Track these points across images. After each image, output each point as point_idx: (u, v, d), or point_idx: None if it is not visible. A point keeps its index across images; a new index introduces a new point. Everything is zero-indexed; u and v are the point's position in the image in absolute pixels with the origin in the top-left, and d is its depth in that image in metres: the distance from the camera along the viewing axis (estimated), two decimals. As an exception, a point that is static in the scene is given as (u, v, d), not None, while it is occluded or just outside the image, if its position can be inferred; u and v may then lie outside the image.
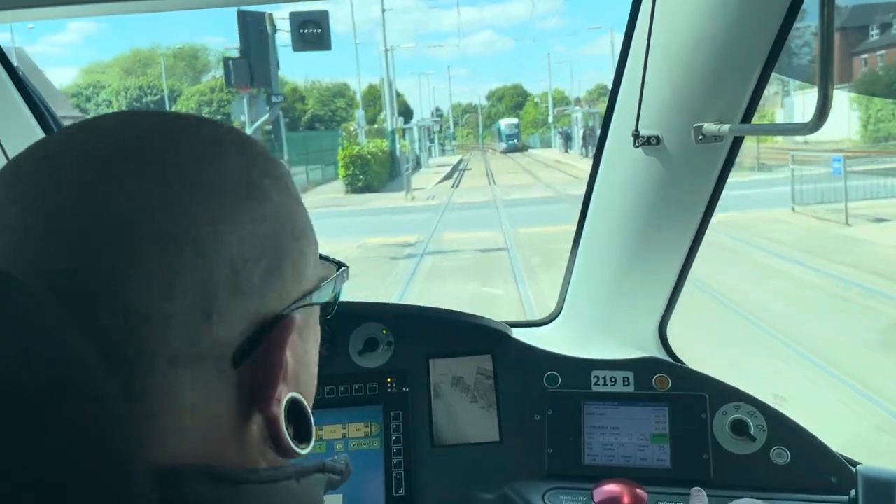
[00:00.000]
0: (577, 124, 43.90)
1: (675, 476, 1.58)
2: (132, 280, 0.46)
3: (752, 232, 12.93)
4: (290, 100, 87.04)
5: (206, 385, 0.51)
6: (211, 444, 0.52)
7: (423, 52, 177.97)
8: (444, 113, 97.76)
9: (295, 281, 0.57)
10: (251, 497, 0.52)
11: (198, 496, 0.48)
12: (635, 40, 1.42)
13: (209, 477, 0.49)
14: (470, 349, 1.75)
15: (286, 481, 0.55)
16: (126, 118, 0.54)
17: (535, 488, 1.61)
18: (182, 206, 0.49)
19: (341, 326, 1.77)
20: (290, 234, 0.56)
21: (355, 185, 29.81)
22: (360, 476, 1.66)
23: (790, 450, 1.55)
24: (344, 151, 30.06)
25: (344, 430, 1.70)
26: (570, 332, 1.89)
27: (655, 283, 1.72)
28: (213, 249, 0.49)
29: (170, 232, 0.48)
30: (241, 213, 0.52)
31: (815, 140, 37.45)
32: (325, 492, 0.62)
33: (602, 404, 1.68)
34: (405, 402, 1.72)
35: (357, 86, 69.11)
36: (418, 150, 45.80)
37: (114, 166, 0.49)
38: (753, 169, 26.71)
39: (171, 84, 75.52)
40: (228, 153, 0.54)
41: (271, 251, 0.53)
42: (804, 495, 1.50)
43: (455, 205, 22.84)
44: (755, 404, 1.60)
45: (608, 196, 1.66)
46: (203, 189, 0.50)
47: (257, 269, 0.52)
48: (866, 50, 57.87)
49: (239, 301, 0.51)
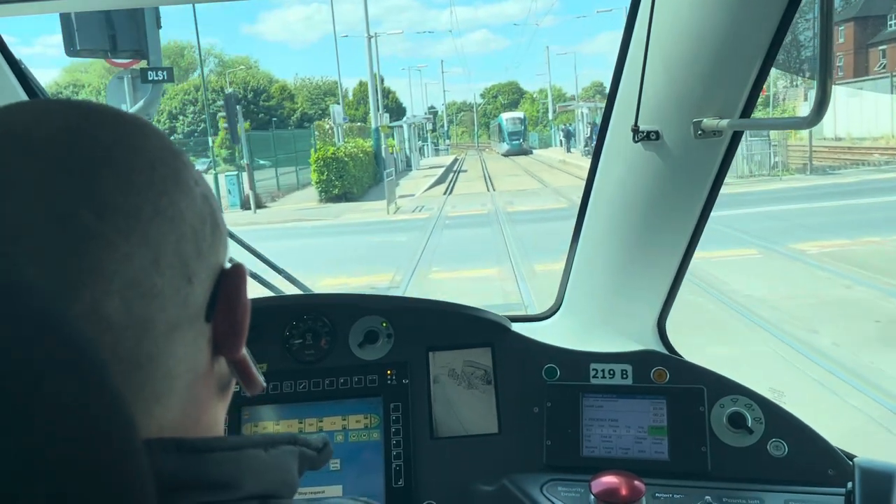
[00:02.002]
0: (583, 120, 38.85)
1: (673, 468, 1.59)
2: (123, 256, 0.50)
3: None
4: (279, 98, 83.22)
5: (193, 343, 0.56)
6: (190, 408, 0.57)
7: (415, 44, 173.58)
8: (438, 111, 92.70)
9: (225, 233, 0.63)
10: (216, 464, 0.54)
11: (165, 466, 0.50)
12: (635, 35, 1.42)
13: (178, 447, 0.52)
14: (469, 342, 1.76)
15: (253, 449, 0.57)
16: (40, 110, 0.55)
17: (534, 480, 1.62)
18: (138, 185, 0.53)
19: (341, 319, 1.78)
20: (211, 193, 0.62)
21: (330, 193, 24.73)
22: (360, 467, 1.68)
23: (787, 442, 1.56)
24: (317, 154, 24.89)
25: (344, 422, 1.71)
26: (570, 327, 1.89)
27: (655, 277, 1.73)
28: (178, 218, 0.55)
29: (138, 208, 0.52)
30: (184, 181, 0.57)
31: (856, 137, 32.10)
32: (302, 469, 0.63)
33: (600, 397, 1.68)
34: (405, 394, 1.72)
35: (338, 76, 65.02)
36: (408, 149, 40.51)
37: (71, 157, 0.52)
38: (804, 171, 21.71)
39: (153, 82, 70.45)
40: (149, 132, 0.59)
41: (209, 210, 0.59)
42: (801, 487, 1.51)
43: (447, 219, 17.66)
44: (753, 397, 1.61)
45: (608, 191, 1.66)
46: (146, 166, 0.55)
47: (206, 229, 0.58)
48: (884, 41, 52.85)
49: (203, 261, 0.57)
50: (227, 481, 0.54)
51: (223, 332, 0.60)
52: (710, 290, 8.90)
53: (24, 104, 0.56)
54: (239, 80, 76.57)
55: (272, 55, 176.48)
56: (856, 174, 21.00)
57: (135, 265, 0.51)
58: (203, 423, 0.60)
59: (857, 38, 50.59)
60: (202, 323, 0.57)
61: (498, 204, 20.41)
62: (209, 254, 0.58)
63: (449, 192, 26.46)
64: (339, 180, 25.23)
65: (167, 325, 0.53)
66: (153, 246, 0.53)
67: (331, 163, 24.96)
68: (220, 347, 0.60)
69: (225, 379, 0.64)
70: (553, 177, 29.34)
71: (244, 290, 0.62)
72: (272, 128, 59.86)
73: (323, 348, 1.79)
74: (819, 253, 10.41)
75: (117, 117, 0.58)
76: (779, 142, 22.03)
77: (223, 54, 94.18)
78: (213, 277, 0.59)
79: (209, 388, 0.61)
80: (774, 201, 16.31)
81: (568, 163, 35.11)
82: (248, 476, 0.56)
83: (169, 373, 0.54)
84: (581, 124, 40.90)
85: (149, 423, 0.53)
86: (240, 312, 0.61)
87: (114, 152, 0.54)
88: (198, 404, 0.59)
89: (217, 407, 0.63)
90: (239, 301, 0.61)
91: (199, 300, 0.57)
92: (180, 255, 0.55)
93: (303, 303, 1.85)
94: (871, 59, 53.30)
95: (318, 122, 40.21)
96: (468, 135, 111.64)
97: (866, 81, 40.66)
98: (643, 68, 1.35)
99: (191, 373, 0.57)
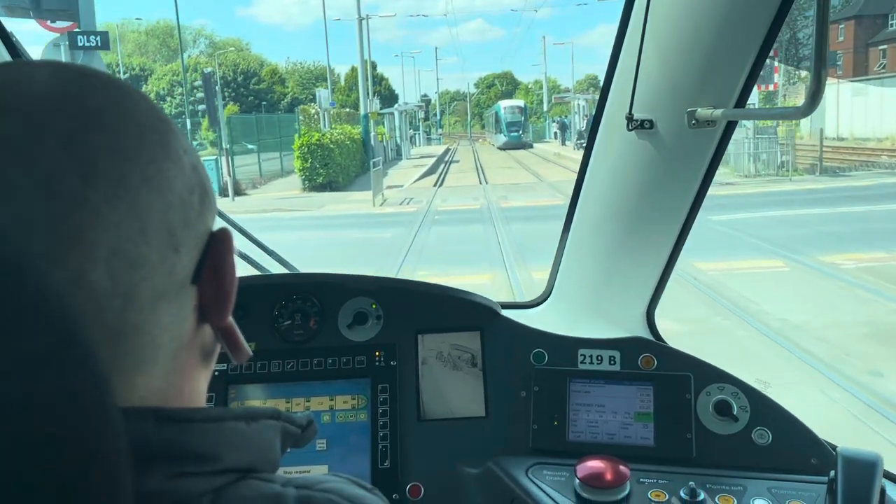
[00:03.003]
0: (580, 113, 37.45)
1: (658, 454, 1.61)
2: (110, 224, 0.50)
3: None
4: (269, 82, 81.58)
5: (178, 311, 0.56)
6: (173, 377, 0.57)
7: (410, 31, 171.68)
8: (431, 99, 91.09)
9: (213, 201, 0.63)
10: (195, 435, 0.54)
11: (141, 436, 0.49)
12: (631, 23, 1.41)
13: (155, 416, 0.52)
14: (459, 325, 1.77)
15: (234, 422, 0.57)
16: (25, 73, 0.54)
17: (520, 463, 1.62)
18: (126, 151, 0.53)
19: (331, 300, 1.78)
20: (201, 162, 0.61)
21: (314, 182, 23.29)
22: (346, 448, 1.69)
23: (772, 431, 1.58)
24: (301, 139, 23.37)
25: (331, 402, 1.71)
26: (559, 314, 1.90)
27: (645, 265, 1.73)
28: (166, 187, 0.54)
29: (126, 175, 0.52)
30: (173, 149, 0.57)
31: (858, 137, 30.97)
32: (285, 446, 0.63)
33: (588, 382, 1.70)
34: (393, 375, 1.73)
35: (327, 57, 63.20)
36: (399, 138, 38.95)
37: (56, 119, 0.50)
38: (812, 171, 20.59)
39: (142, 63, 69.14)
40: (138, 98, 0.58)
41: (197, 179, 0.59)
42: (785, 475, 1.52)
43: (437, 213, 16.30)
44: (739, 385, 1.62)
45: (601, 179, 1.66)
46: (135, 133, 0.54)
47: (195, 198, 0.58)
48: (885, 40, 51.80)
49: (190, 230, 0.57)
50: (206, 453, 0.54)
51: (210, 298, 0.59)
52: (736, 310, 7.60)
53: (10, 64, 0.55)
54: (229, 62, 74.78)
55: (265, 38, 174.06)
56: (869, 177, 19.81)
57: (121, 234, 0.50)
58: (186, 392, 0.60)
59: (858, 37, 49.68)
60: (188, 290, 0.57)
61: (491, 199, 19.18)
62: (197, 223, 0.58)
63: (439, 184, 25.16)
64: (324, 168, 23.94)
65: (153, 294, 0.53)
66: (140, 215, 0.52)
67: (315, 150, 23.68)
68: (206, 314, 0.60)
69: (208, 347, 0.63)
70: (548, 170, 28.10)
71: (231, 256, 0.62)
72: (261, 111, 58.23)
73: (312, 328, 1.77)
74: (856, 268, 9.15)
75: (107, 82, 0.56)
76: (786, 141, 20.80)
77: (214, 35, 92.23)
78: (200, 245, 0.59)
79: (193, 357, 0.61)
80: (788, 204, 15.18)
81: (563, 156, 33.96)
82: (228, 449, 0.55)
83: (153, 342, 0.54)
84: (577, 117, 39.44)
85: (131, 392, 0.53)
86: (227, 277, 0.60)
87: (103, 117, 0.53)
88: (181, 374, 0.59)
89: (200, 376, 0.63)
90: (226, 266, 0.60)
91: (186, 269, 0.57)
92: (168, 224, 0.54)
93: (292, 282, 1.82)
94: (871, 58, 52.36)
95: (302, 106, 38.55)
96: (461, 125, 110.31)
97: (871, 80, 39.53)
98: (639, 57, 1.34)
99: (175, 341, 0.57)
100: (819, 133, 21.54)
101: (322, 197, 21.99)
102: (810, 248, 10.45)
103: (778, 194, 17.16)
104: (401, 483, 1.66)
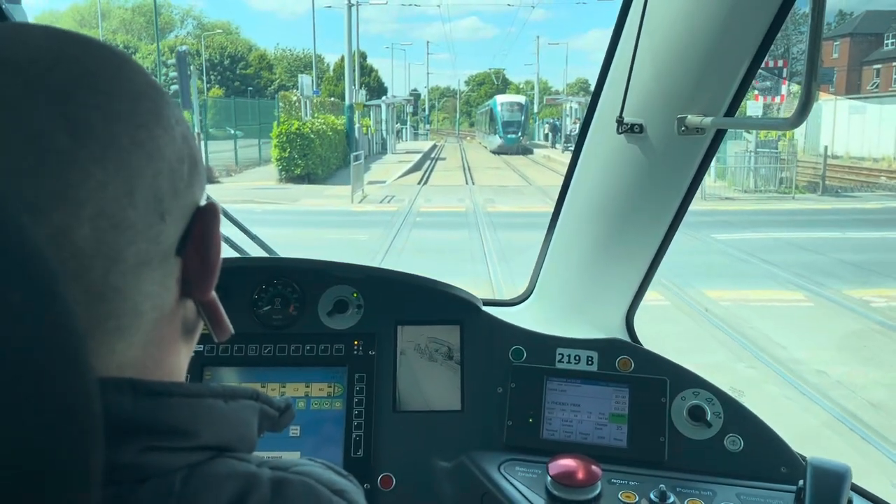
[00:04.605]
0: (572, 116, 36.29)
1: (631, 456, 1.62)
2: (97, 183, 0.50)
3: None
4: (257, 67, 79.88)
5: (161, 281, 0.56)
6: (153, 348, 0.57)
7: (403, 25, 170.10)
8: (420, 94, 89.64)
9: (203, 172, 0.63)
10: (172, 409, 0.53)
11: (117, 407, 0.49)
12: (626, 27, 1.43)
13: (132, 388, 0.51)
14: (439, 318, 1.77)
15: (211, 398, 0.57)
16: (25, 33, 0.54)
17: (492, 458, 1.63)
18: (119, 114, 0.53)
19: (312, 286, 1.78)
20: (191, 133, 0.61)
21: (291, 173, 21.90)
22: (320, 436, 1.68)
23: (744, 438, 1.59)
24: (279, 127, 21.92)
25: (307, 389, 1.71)
26: (540, 313, 1.90)
27: (627, 269, 1.74)
28: (156, 154, 0.54)
29: (116, 136, 0.52)
30: (165, 117, 0.57)
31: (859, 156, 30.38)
32: (262, 428, 0.63)
33: (564, 381, 1.70)
34: (370, 365, 1.72)
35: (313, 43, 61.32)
36: (385, 131, 37.47)
37: (50, 78, 0.50)
38: (812, 189, 19.65)
39: (127, 41, 67.32)
40: (136, 66, 0.58)
41: (188, 150, 0.59)
42: (755, 482, 1.54)
43: (418, 215, 14.99)
44: (714, 392, 1.64)
45: (588, 181, 1.67)
46: (129, 97, 0.54)
47: (184, 168, 0.58)
48: (879, 60, 51.36)
49: (178, 200, 0.57)
50: (183, 428, 0.54)
51: (194, 271, 0.59)
52: (762, 355, 6.38)
53: (7, 25, 0.55)
54: (216, 45, 72.89)
55: (257, 23, 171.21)
56: (874, 199, 18.85)
57: (108, 194, 0.50)
58: (165, 366, 0.59)
59: (852, 55, 49.19)
60: (172, 260, 0.57)
61: (478, 201, 18.10)
62: (185, 194, 0.58)
63: (424, 182, 23.95)
64: (303, 159, 22.79)
65: (136, 259, 0.53)
66: (128, 177, 0.52)
67: (294, 139, 22.51)
68: (190, 286, 0.60)
69: (190, 322, 0.63)
70: (538, 173, 27.11)
71: (217, 229, 0.61)
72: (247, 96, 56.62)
73: (291, 314, 1.76)
74: (887, 307, 7.99)
75: (105, 47, 0.57)
76: (788, 156, 19.79)
77: (202, 16, 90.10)
78: (187, 216, 0.58)
79: (174, 330, 0.60)
80: (794, 225, 14.17)
81: (553, 159, 32.81)
82: (205, 425, 0.55)
83: (135, 308, 0.54)
84: (569, 119, 38.21)
85: (110, 359, 0.53)
86: (212, 250, 0.60)
87: (97, 80, 0.53)
88: (161, 345, 0.58)
89: (181, 352, 0.63)
90: (212, 239, 0.60)
91: (172, 238, 0.56)
92: (155, 191, 0.54)
93: (273, 266, 1.82)
94: (864, 76, 51.96)
95: (283, 92, 36.88)
96: (450, 121, 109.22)
97: (867, 98, 38.85)
98: (632, 61, 1.35)
99: (156, 310, 0.56)
100: (823, 151, 20.59)
101: (298, 190, 20.73)
102: (831, 279, 9.44)
103: (781, 213, 16.55)
104: (372, 473, 1.66)
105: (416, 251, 11.61)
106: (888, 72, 47.50)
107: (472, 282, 9.02)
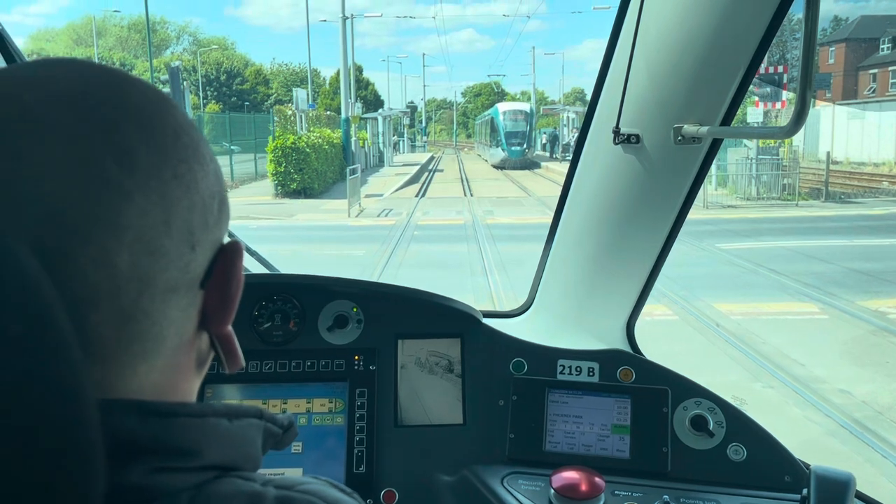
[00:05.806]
0: (570, 125, 36.05)
1: (634, 467, 1.62)
2: (139, 211, 0.52)
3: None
4: (253, 82, 79.90)
5: (185, 309, 0.58)
6: (172, 373, 0.58)
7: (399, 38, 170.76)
8: (417, 107, 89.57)
9: (228, 213, 0.65)
10: (177, 430, 0.54)
11: (124, 429, 0.50)
12: (622, 38, 1.43)
13: (139, 409, 0.52)
14: (439, 331, 1.77)
15: (215, 418, 0.57)
16: (77, 68, 0.57)
17: (495, 472, 1.63)
18: (162, 147, 0.55)
19: (312, 302, 1.78)
20: (221, 172, 0.64)
21: (287, 188, 21.56)
22: (322, 451, 1.68)
23: (747, 447, 1.59)
24: (274, 142, 21.68)
25: (308, 405, 1.70)
26: (540, 324, 1.90)
27: (627, 279, 1.74)
28: (193, 187, 0.57)
29: (159, 167, 0.54)
30: (202, 154, 0.60)
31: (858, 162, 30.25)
32: (266, 446, 0.63)
33: (566, 393, 1.70)
34: (371, 380, 1.72)
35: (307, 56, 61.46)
36: (382, 144, 37.19)
37: (101, 111, 0.53)
38: (815, 196, 19.40)
39: (123, 58, 67.43)
40: (177, 106, 0.61)
41: (218, 188, 0.61)
42: (758, 492, 1.53)
43: (416, 228, 14.70)
44: (716, 401, 1.64)
45: (586, 191, 1.68)
46: (171, 131, 0.57)
47: (215, 204, 0.60)
48: (875, 64, 51.22)
49: (207, 234, 0.59)
50: (189, 448, 0.54)
51: (213, 304, 0.61)
52: (779, 374, 6.04)
53: (64, 61, 0.58)
54: (212, 60, 72.84)
55: (252, 39, 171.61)
56: (878, 205, 18.57)
57: (147, 222, 0.52)
58: (179, 392, 0.60)
59: (848, 60, 49.09)
60: (196, 291, 0.59)
61: (476, 213, 17.73)
62: (214, 228, 0.60)
63: (422, 195, 23.62)
64: (299, 174, 22.55)
65: (166, 285, 0.54)
66: (167, 207, 0.54)
67: (290, 153, 22.32)
68: (208, 319, 0.61)
69: (203, 355, 0.64)
70: (536, 184, 26.73)
71: (240, 267, 0.63)
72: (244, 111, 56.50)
73: (291, 330, 1.76)
74: (905, 319, 7.67)
75: (149, 85, 0.60)
76: (790, 163, 19.53)
77: (198, 32, 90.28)
78: (213, 250, 0.60)
79: (190, 360, 0.62)
80: (800, 233, 13.85)
81: (551, 169, 32.33)
82: (210, 445, 0.56)
83: (160, 333, 0.55)
84: (567, 129, 37.96)
85: (132, 380, 0.54)
86: (233, 286, 0.62)
87: (143, 113, 0.56)
88: (178, 373, 0.60)
89: (193, 381, 0.64)
90: (234, 276, 0.62)
91: (199, 269, 0.58)
92: (189, 222, 0.56)
93: (273, 282, 1.82)
94: (860, 82, 51.85)
95: (278, 106, 36.60)
96: (447, 133, 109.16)
97: (865, 104, 38.68)
98: (628, 71, 1.36)
99: (178, 337, 0.58)
100: (826, 157, 20.34)
101: (295, 205, 20.42)
102: (843, 290, 9.10)
103: (786, 220, 16.32)
104: (375, 489, 1.66)
105: (415, 265, 11.30)
106: (885, 76, 47.43)
107: (473, 295, 8.72)
